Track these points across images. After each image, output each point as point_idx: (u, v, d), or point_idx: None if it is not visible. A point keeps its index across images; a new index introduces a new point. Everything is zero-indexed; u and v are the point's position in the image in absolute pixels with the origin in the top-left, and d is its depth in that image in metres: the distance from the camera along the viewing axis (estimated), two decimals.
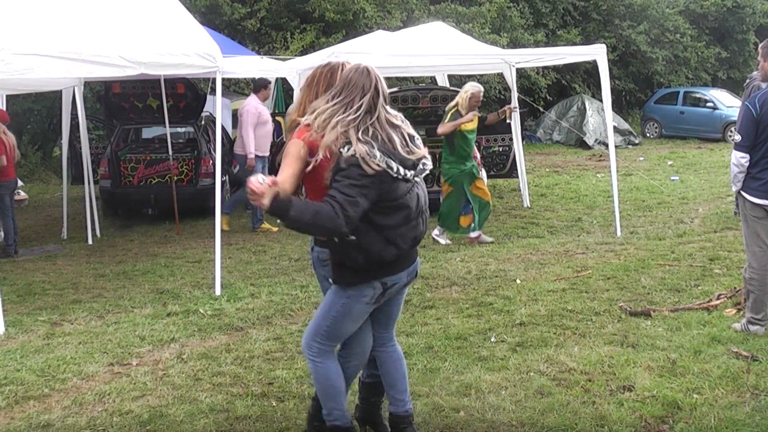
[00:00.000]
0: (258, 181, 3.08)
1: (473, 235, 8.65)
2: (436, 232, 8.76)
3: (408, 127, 3.41)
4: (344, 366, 3.66)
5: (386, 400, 3.85)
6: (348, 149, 3.19)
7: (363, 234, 3.25)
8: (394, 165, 3.22)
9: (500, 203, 11.39)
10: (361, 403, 3.96)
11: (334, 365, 3.59)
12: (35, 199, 13.25)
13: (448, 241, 8.73)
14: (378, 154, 3.18)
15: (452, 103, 8.54)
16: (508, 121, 9.72)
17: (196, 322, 5.99)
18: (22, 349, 5.44)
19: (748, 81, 8.79)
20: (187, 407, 4.33)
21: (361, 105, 3.26)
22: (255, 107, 9.78)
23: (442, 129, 8.41)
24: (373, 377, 3.88)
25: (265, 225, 9.76)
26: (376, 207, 3.25)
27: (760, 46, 5.47)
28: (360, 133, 3.22)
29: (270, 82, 10.43)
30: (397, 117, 3.39)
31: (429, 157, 3.41)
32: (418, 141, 3.41)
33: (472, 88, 8.46)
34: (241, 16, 17.37)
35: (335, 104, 3.30)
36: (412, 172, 3.31)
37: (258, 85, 9.98)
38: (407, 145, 3.33)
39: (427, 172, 3.40)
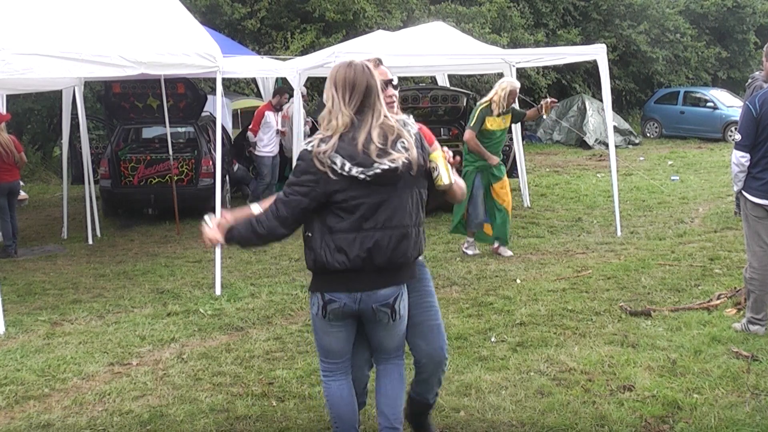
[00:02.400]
0: (207, 227, 3.16)
1: (494, 245, 8.07)
2: (465, 244, 8.12)
3: (393, 130, 3.11)
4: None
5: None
6: (307, 143, 3.13)
7: (315, 234, 3.14)
8: (338, 160, 3.01)
9: None
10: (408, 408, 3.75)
11: (337, 386, 3.40)
12: (35, 199, 13.25)
13: (476, 251, 8.04)
14: (325, 148, 3.02)
15: (485, 99, 7.82)
16: (545, 116, 9.24)
17: (196, 322, 5.99)
18: (22, 349, 5.44)
19: (750, 81, 8.77)
20: (188, 407, 4.33)
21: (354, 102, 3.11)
22: None
23: (470, 137, 7.63)
24: (416, 393, 3.71)
25: None
26: (329, 207, 3.09)
27: (766, 46, 5.47)
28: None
29: None
30: (390, 117, 3.14)
31: (399, 161, 3.05)
32: (401, 146, 3.09)
33: (510, 84, 7.75)
34: (242, 16, 17.38)
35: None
36: (361, 169, 3.01)
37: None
38: (379, 146, 3.05)
39: (379, 171, 3.02)
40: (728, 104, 20.95)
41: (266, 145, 11.15)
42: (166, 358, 5.20)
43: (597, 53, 9.05)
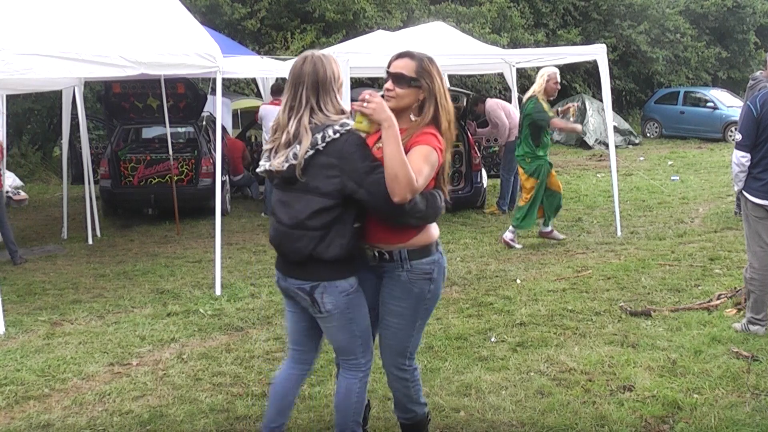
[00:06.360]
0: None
1: (546, 230, 8.50)
2: (509, 236, 8.33)
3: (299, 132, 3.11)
4: None
5: None
6: None
7: None
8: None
9: None
10: None
11: (278, 373, 3.65)
12: (35, 199, 13.23)
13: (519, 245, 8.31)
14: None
15: (529, 94, 8.16)
16: (572, 119, 9.52)
17: (196, 322, 5.99)
18: (22, 349, 5.44)
19: (752, 82, 8.73)
20: (187, 407, 4.33)
21: None
22: None
23: (555, 122, 8.19)
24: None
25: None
26: None
27: None
28: None
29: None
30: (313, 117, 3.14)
31: (276, 166, 3.12)
32: (292, 152, 3.09)
33: (548, 71, 8.06)
34: (241, 16, 17.37)
35: None
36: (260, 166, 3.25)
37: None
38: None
39: (262, 171, 3.21)
40: (728, 104, 20.95)
41: None
42: (166, 358, 5.20)
43: (597, 53, 9.06)
